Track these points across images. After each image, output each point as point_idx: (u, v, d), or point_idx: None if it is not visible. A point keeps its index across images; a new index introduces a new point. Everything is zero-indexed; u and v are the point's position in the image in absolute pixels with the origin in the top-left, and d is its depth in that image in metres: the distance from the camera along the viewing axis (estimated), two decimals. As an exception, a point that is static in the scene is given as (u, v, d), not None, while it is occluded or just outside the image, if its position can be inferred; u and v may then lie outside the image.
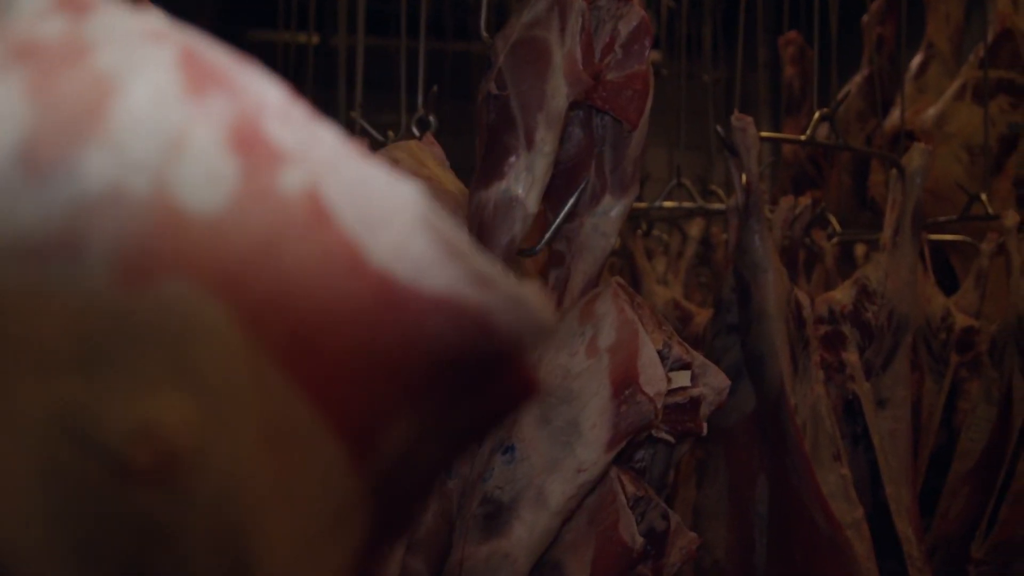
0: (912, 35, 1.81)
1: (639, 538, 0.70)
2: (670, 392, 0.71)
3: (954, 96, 1.85)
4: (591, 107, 0.77)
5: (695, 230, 1.85)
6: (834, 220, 1.62)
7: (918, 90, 2.02)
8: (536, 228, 0.76)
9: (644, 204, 1.75)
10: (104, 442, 0.18)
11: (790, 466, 1.03)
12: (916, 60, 2.09)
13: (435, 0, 2.06)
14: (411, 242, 0.20)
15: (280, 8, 2.00)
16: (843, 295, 1.16)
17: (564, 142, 0.77)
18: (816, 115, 1.25)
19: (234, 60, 0.20)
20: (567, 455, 0.68)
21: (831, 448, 1.07)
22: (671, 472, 0.79)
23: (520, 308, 0.20)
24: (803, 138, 1.26)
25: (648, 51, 0.77)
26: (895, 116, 1.85)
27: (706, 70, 2.05)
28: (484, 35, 0.82)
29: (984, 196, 1.52)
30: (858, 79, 2.13)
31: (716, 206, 1.76)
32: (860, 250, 1.81)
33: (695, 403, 0.73)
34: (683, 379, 0.73)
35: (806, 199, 1.35)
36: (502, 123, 0.72)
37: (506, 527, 0.68)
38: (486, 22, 0.84)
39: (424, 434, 0.21)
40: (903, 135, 1.51)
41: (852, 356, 1.14)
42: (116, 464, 0.18)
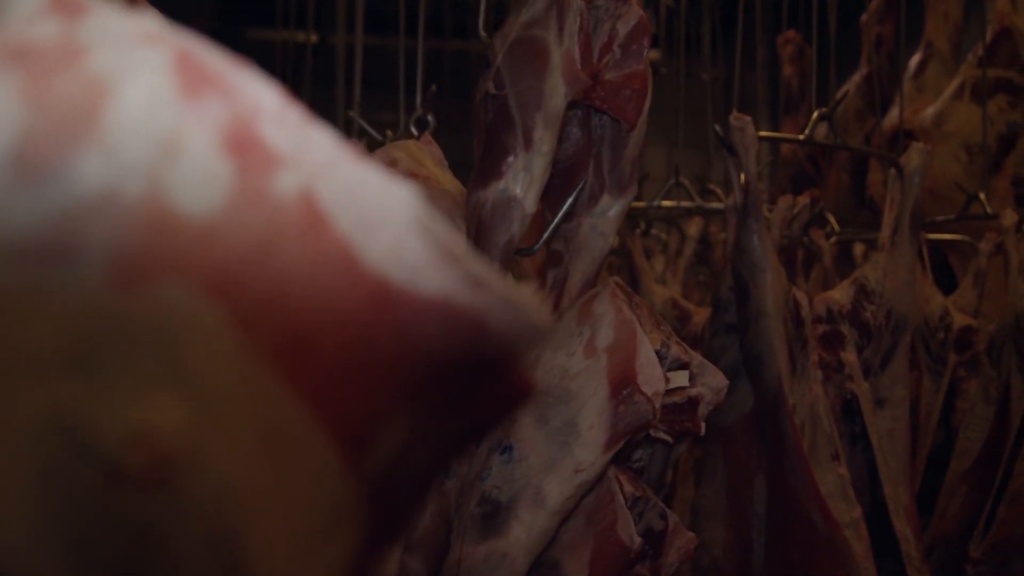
0: (911, 34, 1.81)
1: (637, 538, 0.70)
2: (668, 392, 0.71)
3: (953, 95, 1.85)
4: (589, 107, 0.77)
5: (693, 229, 1.85)
6: (832, 219, 1.62)
7: (917, 89, 2.02)
8: (534, 228, 0.76)
9: (643, 203, 1.76)
10: (98, 445, 0.18)
11: (788, 466, 1.03)
12: (915, 59, 2.09)
13: (434, -1, 2.06)
14: (406, 245, 0.20)
15: (279, 7, 2.00)
16: (841, 294, 1.16)
17: (562, 142, 0.77)
18: (815, 114, 1.25)
19: (229, 62, 0.20)
20: (565, 455, 0.68)
21: (829, 448, 1.07)
22: (669, 472, 0.79)
23: (515, 311, 0.20)
24: (802, 137, 1.26)
25: (646, 51, 0.77)
26: (894, 115, 1.85)
27: (705, 69, 2.05)
28: (482, 34, 0.82)
29: (982, 195, 1.52)
30: (857, 78, 2.13)
31: (714, 205, 1.76)
32: (859, 249, 1.81)
33: (693, 403, 0.73)
34: (681, 379, 0.73)
35: (804, 198, 1.35)
36: (500, 122, 0.72)
37: (504, 527, 0.68)
38: (485, 21, 0.84)
39: (420, 437, 0.21)
40: (902, 134, 1.51)
41: (850, 356, 1.14)
42: (110, 467, 0.18)
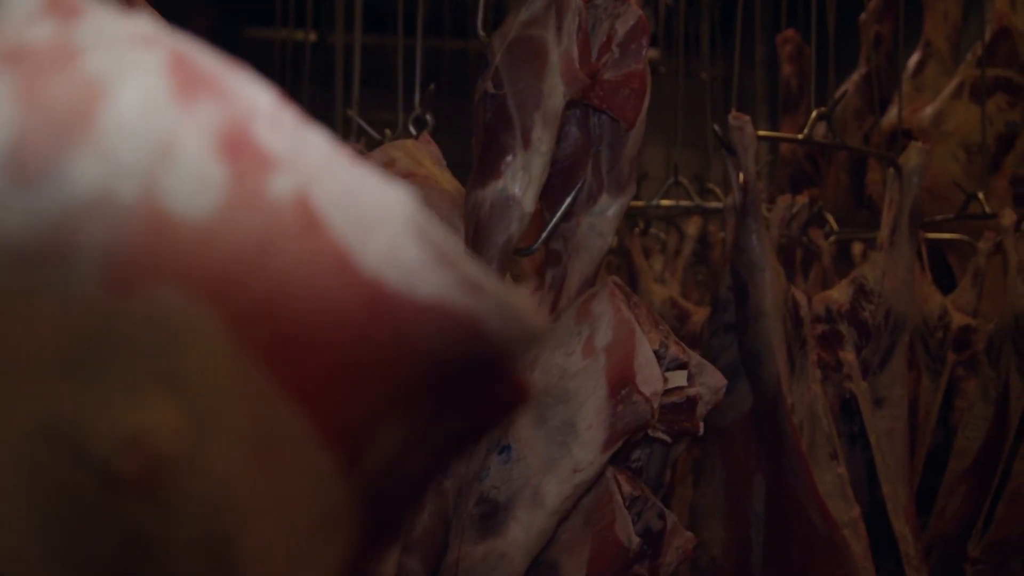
0: (910, 33, 1.81)
1: (635, 538, 0.70)
2: (666, 392, 0.71)
3: (952, 95, 1.85)
4: (588, 106, 0.77)
5: (692, 228, 1.85)
6: (831, 219, 1.62)
7: (916, 88, 2.02)
8: (533, 227, 0.76)
9: (641, 202, 1.76)
10: (92, 450, 0.18)
11: (787, 465, 1.03)
12: (914, 58, 2.09)
13: (433, -2, 2.06)
14: (402, 248, 0.20)
15: (278, 6, 2.00)
16: (840, 294, 1.16)
17: (561, 141, 0.77)
18: (813, 114, 1.25)
19: (224, 64, 0.20)
20: (563, 455, 0.68)
21: (828, 447, 1.07)
22: (668, 471, 0.79)
23: (510, 314, 0.20)
24: (800, 137, 1.26)
25: (645, 50, 0.77)
26: (893, 114, 1.85)
27: (704, 68, 2.05)
28: (481, 34, 0.82)
29: (981, 195, 1.52)
30: (856, 77, 2.13)
31: (713, 204, 1.76)
32: (857, 248, 1.81)
33: (692, 403, 0.73)
34: (680, 379, 0.73)
35: (803, 197, 1.35)
36: (499, 122, 0.72)
37: (502, 527, 0.68)
38: (483, 21, 0.84)
39: (414, 440, 0.21)
40: (900, 134, 1.51)
41: (849, 355, 1.14)
42: (106, 471, 0.18)
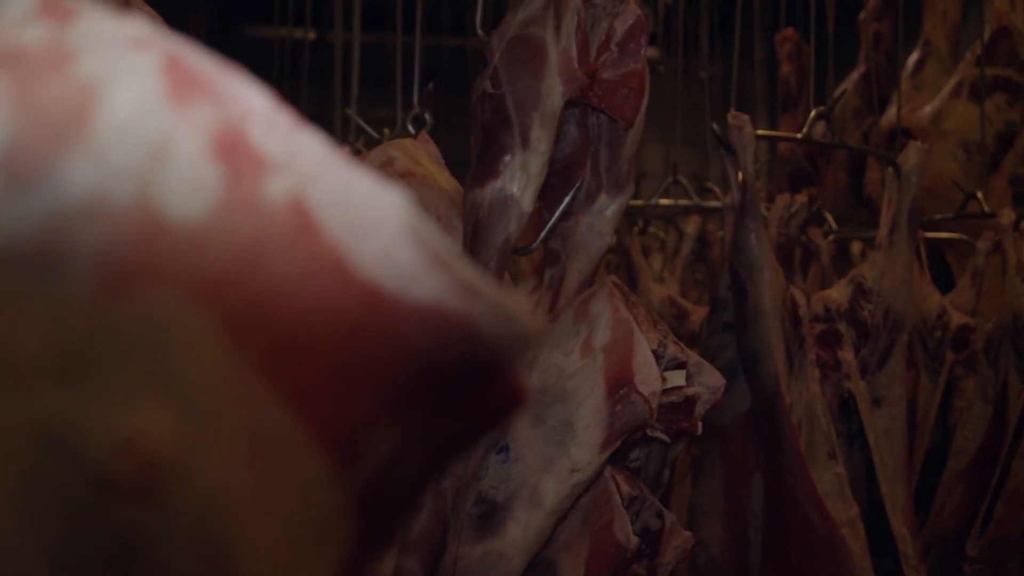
0: (909, 32, 1.81)
1: (633, 538, 0.70)
2: (665, 391, 0.71)
3: (951, 94, 1.85)
4: (587, 105, 0.77)
5: (691, 227, 1.85)
6: (830, 218, 1.62)
7: (915, 88, 2.02)
8: (531, 226, 0.76)
9: (640, 201, 1.76)
10: (85, 454, 0.18)
11: (785, 464, 1.03)
12: (913, 57, 2.09)
13: (431, -4, 2.06)
14: (397, 251, 0.20)
15: (276, 4, 1.99)
16: (839, 293, 1.16)
17: (559, 140, 0.77)
18: (812, 113, 1.25)
19: (219, 66, 0.20)
20: (561, 455, 0.68)
21: (826, 446, 1.07)
22: (666, 471, 0.79)
23: (506, 317, 0.20)
24: (799, 136, 1.26)
25: (644, 49, 0.77)
26: (892, 114, 1.85)
27: (703, 67, 2.05)
28: (480, 33, 0.82)
29: (980, 194, 1.52)
30: (855, 76, 2.13)
31: (712, 203, 1.76)
32: (856, 248, 1.81)
33: (690, 402, 0.73)
34: (678, 378, 0.73)
35: (802, 197, 1.35)
36: (497, 121, 0.72)
37: (500, 527, 0.68)
38: (482, 20, 0.84)
39: (410, 444, 0.21)
40: (899, 133, 1.51)
41: (848, 354, 1.14)
42: (98, 475, 0.18)
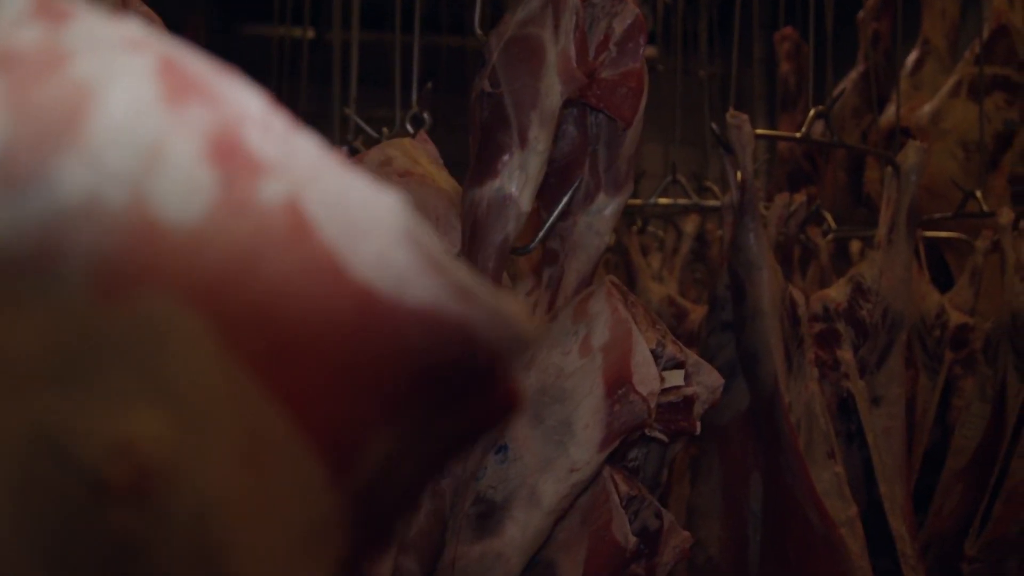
0: (908, 31, 1.81)
1: (632, 537, 0.70)
2: (663, 391, 0.71)
3: (950, 93, 1.85)
4: (585, 105, 0.77)
5: (690, 226, 1.85)
6: (829, 217, 1.62)
7: (914, 87, 2.02)
8: (530, 226, 0.76)
9: (639, 201, 1.76)
10: (80, 458, 0.18)
11: (784, 464, 1.03)
12: (912, 56, 2.09)
13: (430, -5, 2.06)
14: (393, 254, 0.20)
15: (275, 3, 1.99)
16: (838, 293, 1.16)
17: (558, 140, 0.77)
18: (811, 112, 1.25)
19: (215, 68, 0.20)
20: (560, 454, 0.68)
21: (825, 446, 1.07)
22: (665, 471, 0.79)
23: (502, 320, 0.20)
24: (798, 135, 1.26)
25: (642, 49, 0.76)
26: (891, 113, 1.85)
27: (702, 66, 2.05)
28: (478, 32, 0.82)
29: (979, 193, 1.52)
30: (854, 75, 2.13)
31: (711, 202, 1.76)
32: (855, 247, 1.81)
33: (689, 402, 0.73)
34: (677, 378, 0.73)
35: (801, 196, 1.35)
36: (495, 121, 0.72)
37: (499, 527, 0.68)
38: (480, 19, 0.84)
39: (406, 447, 0.21)
40: (899, 132, 1.51)
41: (846, 354, 1.14)
42: (92, 479, 0.18)
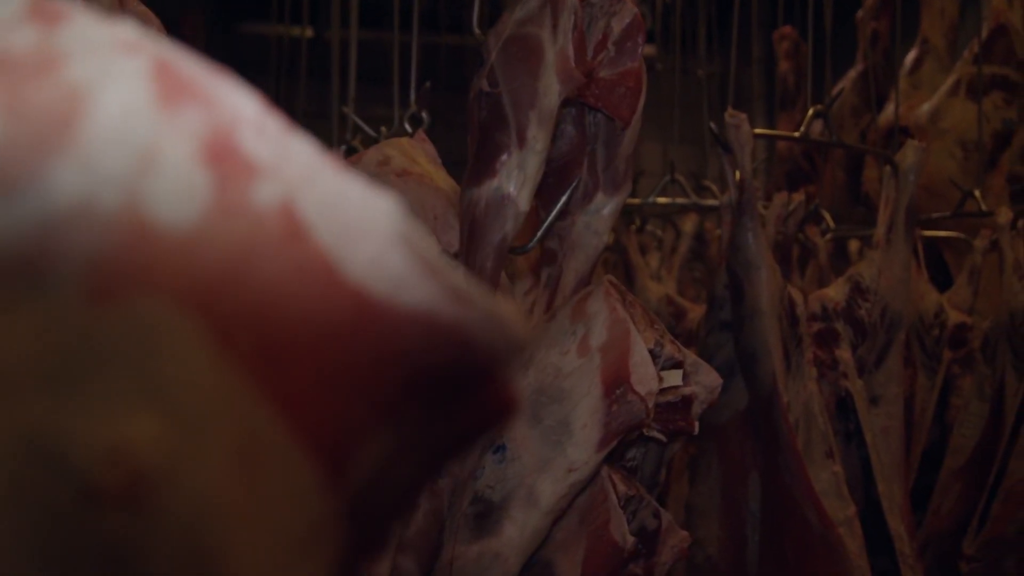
0: (907, 30, 1.81)
1: (630, 537, 0.70)
2: (662, 391, 0.71)
3: (948, 92, 1.85)
4: (583, 104, 0.77)
5: (689, 226, 1.85)
6: (828, 216, 1.62)
7: (912, 86, 2.02)
8: (528, 225, 0.76)
9: (638, 200, 1.76)
10: (72, 464, 0.18)
11: (782, 463, 1.03)
12: (911, 56, 2.09)
13: (429, -6, 2.06)
14: (387, 257, 0.19)
15: (274, 2, 1.99)
16: (836, 292, 1.16)
17: (556, 140, 0.77)
18: (810, 111, 1.25)
19: (209, 71, 0.20)
20: (558, 454, 0.68)
21: (823, 445, 1.07)
22: (663, 470, 0.79)
23: (497, 324, 0.20)
24: (797, 135, 1.26)
25: (641, 48, 0.76)
26: (889, 112, 1.85)
27: (700, 65, 2.05)
28: (477, 31, 0.82)
29: (978, 192, 1.52)
30: (852, 75, 2.13)
31: (710, 202, 1.76)
32: (854, 246, 1.81)
33: (687, 402, 0.73)
34: (675, 378, 0.73)
35: (800, 195, 1.35)
36: (494, 120, 0.72)
37: (497, 527, 0.68)
38: (479, 18, 0.84)
39: (401, 451, 0.21)
40: (897, 131, 1.51)
41: (845, 353, 1.14)
42: (85, 484, 0.18)
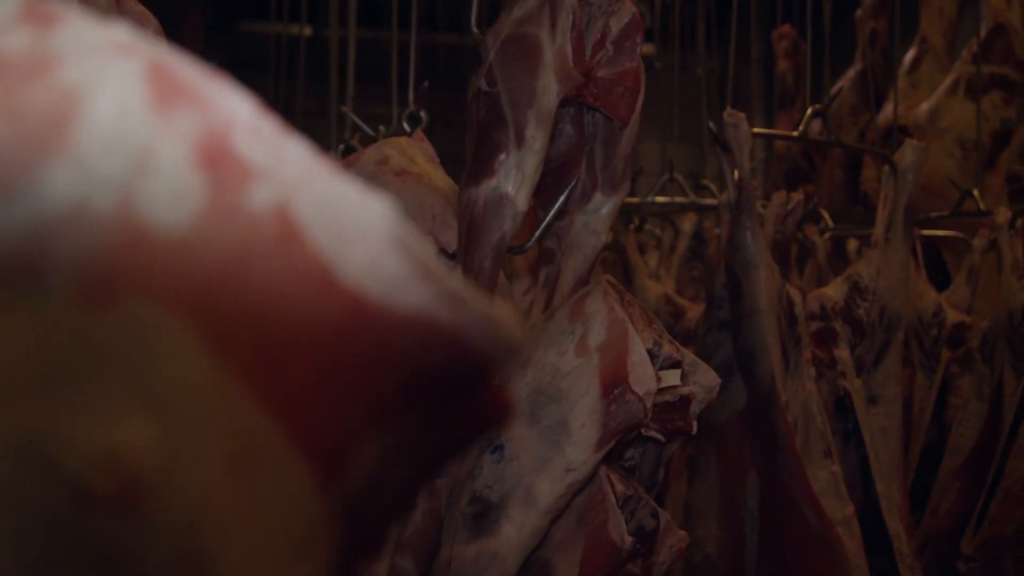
0: (905, 30, 1.81)
1: (628, 537, 0.70)
2: (660, 391, 0.71)
3: (947, 91, 1.85)
4: (582, 104, 0.77)
5: (687, 225, 1.84)
6: (826, 215, 1.62)
7: (911, 85, 2.02)
8: (527, 225, 0.76)
9: (637, 199, 1.76)
10: (66, 468, 0.17)
11: (781, 463, 1.03)
12: (909, 55, 2.09)
13: (428, -8, 2.06)
14: (383, 260, 0.19)
15: (272, 0, 1.99)
16: (835, 292, 1.15)
17: (554, 139, 0.77)
18: (809, 111, 1.25)
19: (204, 73, 0.20)
20: (556, 454, 0.68)
21: (822, 445, 1.07)
22: (661, 470, 0.79)
23: (492, 328, 0.20)
24: (796, 134, 1.26)
25: (639, 48, 0.76)
26: (888, 111, 1.85)
27: (699, 64, 2.05)
28: (475, 31, 0.82)
29: (976, 192, 1.52)
30: (851, 74, 2.13)
31: (709, 201, 1.76)
32: (852, 245, 1.81)
33: (685, 401, 0.73)
34: (673, 378, 0.73)
35: (798, 194, 1.35)
36: (492, 120, 0.72)
37: (495, 526, 0.68)
38: (477, 17, 0.84)
39: (396, 454, 0.21)
40: (896, 130, 1.51)
41: (843, 353, 1.14)
42: (79, 489, 0.17)
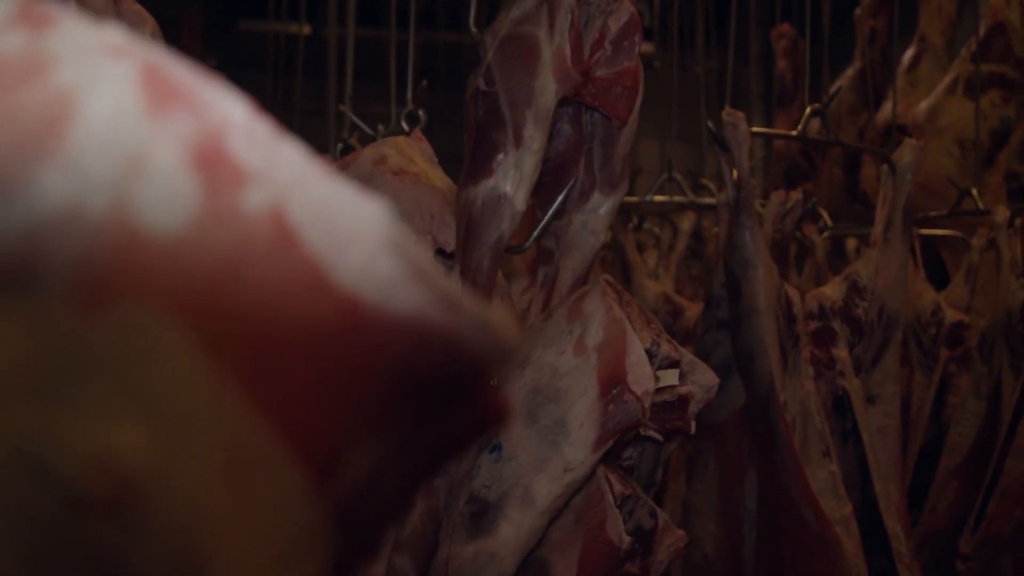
0: (904, 29, 1.81)
1: (626, 537, 0.70)
2: (658, 390, 0.71)
3: (946, 90, 1.85)
4: (580, 103, 0.77)
5: (686, 224, 1.84)
6: (825, 214, 1.62)
7: (910, 84, 2.02)
8: (525, 225, 0.75)
9: (635, 198, 1.76)
10: (59, 471, 0.17)
11: (779, 462, 1.03)
12: (908, 54, 2.09)
13: (427, -9, 2.06)
14: (377, 263, 0.19)
15: (271, -1, 1.99)
16: (833, 291, 1.15)
17: (553, 139, 0.77)
18: (808, 110, 1.25)
19: (198, 75, 0.20)
20: (554, 454, 0.68)
21: (820, 444, 1.07)
22: (659, 470, 0.79)
23: (487, 331, 0.20)
24: (795, 133, 1.26)
25: (637, 48, 0.76)
26: (887, 110, 1.85)
27: (698, 62, 2.05)
28: (474, 30, 0.82)
29: (975, 191, 1.52)
30: (850, 73, 2.13)
31: (707, 200, 1.76)
32: (851, 244, 1.81)
33: (683, 401, 0.73)
34: (671, 377, 0.73)
35: (797, 193, 1.35)
36: (490, 119, 0.72)
37: (493, 526, 0.68)
38: (476, 17, 0.84)
39: (390, 457, 0.21)
40: (895, 129, 1.51)
41: (842, 352, 1.14)
42: (72, 493, 0.17)
